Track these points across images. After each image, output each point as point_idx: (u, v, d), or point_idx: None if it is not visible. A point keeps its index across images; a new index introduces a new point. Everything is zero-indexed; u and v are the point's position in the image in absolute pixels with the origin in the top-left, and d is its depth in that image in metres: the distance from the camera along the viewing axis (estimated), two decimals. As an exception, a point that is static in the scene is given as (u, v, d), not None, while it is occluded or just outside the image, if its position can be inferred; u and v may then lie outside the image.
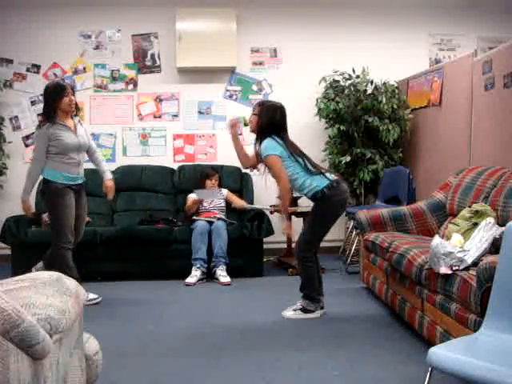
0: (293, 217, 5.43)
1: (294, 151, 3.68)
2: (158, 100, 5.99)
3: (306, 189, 3.65)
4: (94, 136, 5.91)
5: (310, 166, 3.66)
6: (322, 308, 3.79)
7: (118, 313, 3.91)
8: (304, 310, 3.72)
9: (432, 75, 5.18)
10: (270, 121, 3.69)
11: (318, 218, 3.71)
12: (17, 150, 5.79)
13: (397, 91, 5.54)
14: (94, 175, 5.66)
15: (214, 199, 5.23)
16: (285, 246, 5.60)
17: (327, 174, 3.67)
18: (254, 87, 6.04)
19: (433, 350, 1.96)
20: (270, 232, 5.02)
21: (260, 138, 3.71)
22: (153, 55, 5.97)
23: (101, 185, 5.58)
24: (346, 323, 3.60)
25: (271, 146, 3.62)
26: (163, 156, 5.98)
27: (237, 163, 5.88)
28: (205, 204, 5.23)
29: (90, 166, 5.81)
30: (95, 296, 4.14)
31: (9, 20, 5.78)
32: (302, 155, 3.71)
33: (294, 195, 5.45)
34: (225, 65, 5.85)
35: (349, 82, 5.58)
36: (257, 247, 4.99)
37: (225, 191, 5.37)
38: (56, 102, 3.99)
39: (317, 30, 6.02)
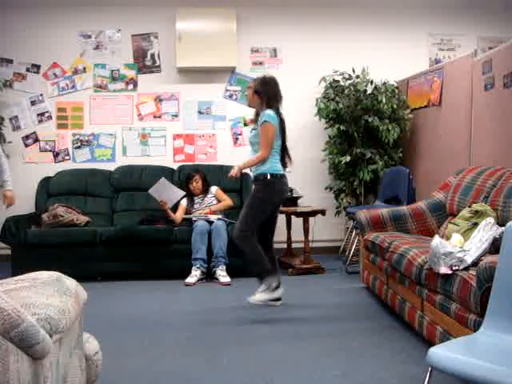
0: (293, 217, 5.45)
1: (281, 131, 3.85)
2: (158, 100, 5.99)
3: (259, 164, 3.79)
4: (94, 136, 5.93)
5: (279, 150, 3.85)
6: (279, 299, 3.93)
7: (118, 313, 3.91)
8: (269, 288, 3.77)
9: (432, 75, 5.18)
10: (266, 93, 3.84)
11: (256, 200, 3.79)
12: (17, 150, 5.80)
13: (397, 91, 5.55)
14: (93, 175, 5.70)
15: (177, 199, 5.14)
16: (285, 246, 5.60)
17: (280, 165, 3.85)
18: (254, 87, 6.03)
19: (433, 350, 1.96)
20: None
21: (259, 110, 3.86)
22: (153, 55, 5.97)
23: (101, 185, 5.64)
24: (346, 323, 3.60)
25: (272, 116, 3.76)
26: (163, 156, 5.98)
27: (237, 163, 5.92)
28: (196, 206, 5.23)
29: (89, 165, 5.85)
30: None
31: (9, 20, 5.78)
32: (283, 137, 3.89)
33: (294, 195, 5.48)
34: (225, 65, 5.85)
35: (349, 81, 5.58)
36: (257, 247, 4.98)
37: (214, 189, 5.34)
38: None
39: (317, 30, 6.03)
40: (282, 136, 3.87)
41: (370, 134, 5.50)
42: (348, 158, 5.41)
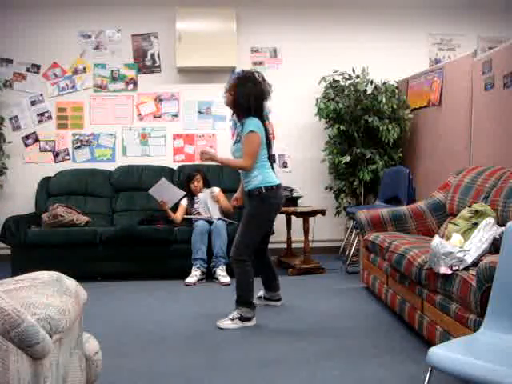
0: (293, 217, 5.45)
1: (267, 140, 3.61)
2: (158, 100, 5.99)
3: (249, 178, 3.55)
4: (94, 136, 5.93)
5: (268, 160, 3.61)
6: (279, 299, 3.99)
7: (118, 313, 3.91)
8: (242, 318, 3.55)
9: (432, 75, 5.18)
10: (248, 98, 3.52)
11: (253, 219, 3.57)
12: (17, 150, 5.80)
13: (397, 91, 5.55)
14: (93, 175, 5.70)
15: (177, 199, 5.12)
16: (285, 246, 5.60)
17: (274, 174, 3.63)
18: (254, 87, 6.02)
19: (433, 350, 1.96)
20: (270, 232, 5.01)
21: (241, 116, 3.59)
22: (153, 55, 5.97)
23: (101, 185, 5.64)
24: (345, 323, 3.60)
25: (257, 125, 3.50)
26: (163, 156, 5.98)
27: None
28: (196, 206, 5.22)
29: (89, 165, 5.86)
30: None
31: (9, 20, 5.78)
32: (269, 146, 3.66)
33: (294, 195, 5.47)
34: (225, 65, 5.85)
35: (349, 81, 5.58)
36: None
37: (216, 190, 5.33)
38: None
39: (317, 30, 6.03)
40: (268, 144, 3.63)
41: (370, 134, 5.50)
42: (348, 158, 5.41)
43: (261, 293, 4.05)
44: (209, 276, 4.82)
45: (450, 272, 2.76)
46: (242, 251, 3.57)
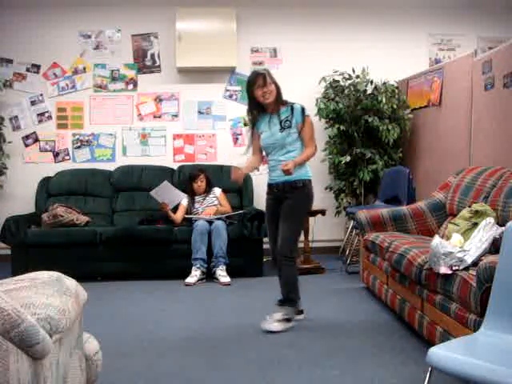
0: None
1: None
2: (158, 100, 5.99)
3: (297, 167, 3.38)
4: (94, 136, 5.93)
5: None
6: (301, 312, 3.65)
7: (118, 313, 3.91)
8: (288, 319, 3.45)
9: (432, 75, 5.18)
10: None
11: (300, 213, 3.51)
12: (17, 150, 5.79)
13: (397, 91, 5.54)
14: (93, 175, 5.71)
15: (178, 201, 5.13)
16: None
17: None
18: (254, 87, 6.02)
19: (433, 350, 1.96)
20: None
21: (279, 106, 3.51)
22: (153, 55, 5.97)
23: (101, 185, 5.64)
24: (346, 323, 3.60)
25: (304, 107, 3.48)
26: (163, 156, 5.98)
27: (237, 163, 5.92)
28: (196, 205, 5.22)
29: (89, 165, 5.86)
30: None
31: (9, 20, 5.78)
32: None
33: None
34: (225, 65, 5.85)
35: (349, 81, 5.58)
36: (257, 247, 4.99)
37: (218, 191, 5.33)
38: None
39: (317, 30, 6.03)
40: None
41: (370, 134, 5.50)
42: (348, 158, 5.41)
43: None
44: (209, 276, 4.83)
45: (449, 272, 2.76)
46: (292, 248, 3.45)
